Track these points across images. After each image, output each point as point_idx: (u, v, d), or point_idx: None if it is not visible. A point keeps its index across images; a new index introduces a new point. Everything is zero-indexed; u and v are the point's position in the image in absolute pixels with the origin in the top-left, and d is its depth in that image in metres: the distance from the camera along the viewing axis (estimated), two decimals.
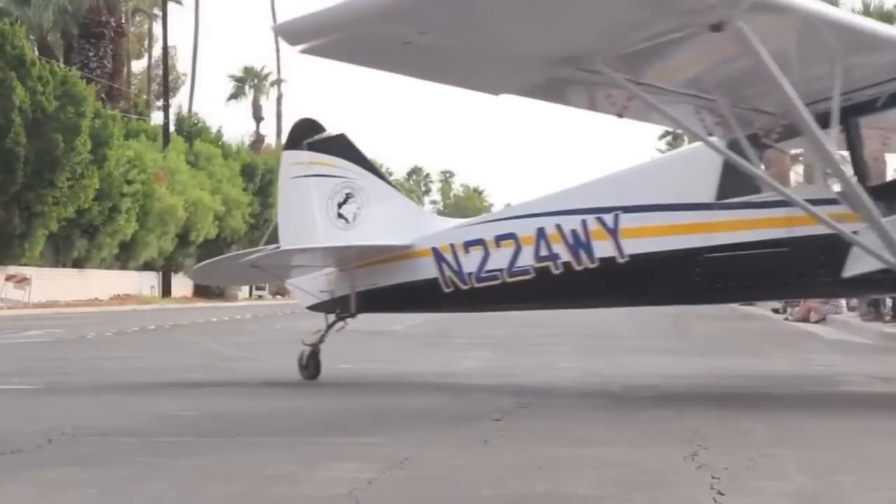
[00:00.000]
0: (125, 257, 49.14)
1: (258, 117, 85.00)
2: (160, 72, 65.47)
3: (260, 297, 61.62)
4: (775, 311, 28.64)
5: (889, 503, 5.07)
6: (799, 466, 5.78)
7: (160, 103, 62.17)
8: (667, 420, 7.76)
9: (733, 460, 5.89)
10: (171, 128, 57.97)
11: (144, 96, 68.28)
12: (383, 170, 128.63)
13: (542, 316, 16.95)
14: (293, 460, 6.01)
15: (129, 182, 45.94)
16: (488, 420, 7.64)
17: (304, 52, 7.13)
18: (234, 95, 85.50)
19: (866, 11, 49.02)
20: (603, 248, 9.54)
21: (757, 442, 6.71)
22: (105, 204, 43.87)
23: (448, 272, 10.34)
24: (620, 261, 9.45)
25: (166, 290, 52.84)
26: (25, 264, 41.04)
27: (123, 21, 61.43)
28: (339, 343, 18.76)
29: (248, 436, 7.07)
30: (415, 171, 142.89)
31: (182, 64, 76.63)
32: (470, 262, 10.23)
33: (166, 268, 53.40)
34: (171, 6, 62.20)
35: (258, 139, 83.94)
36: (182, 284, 56.38)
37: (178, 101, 72.46)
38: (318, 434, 7.16)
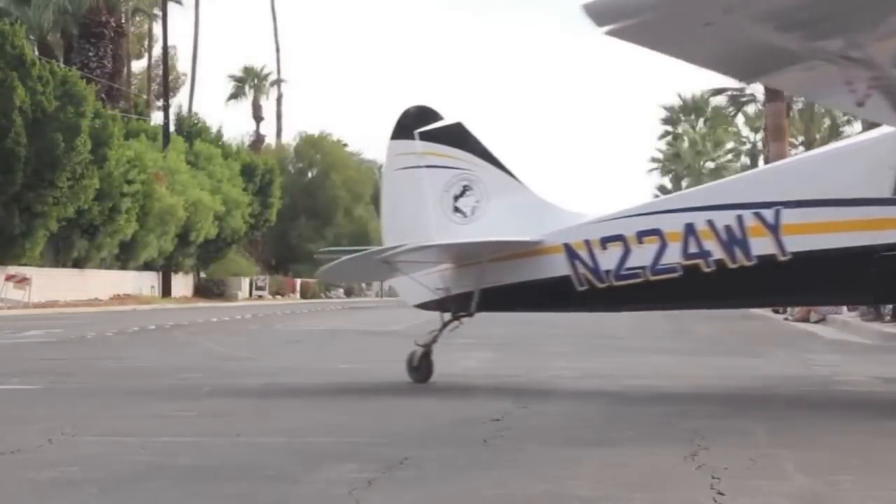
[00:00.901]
0: (125, 257, 49.15)
1: (258, 117, 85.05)
2: (160, 72, 65.49)
3: (260, 297, 61.64)
4: (775, 310, 28.63)
5: (889, 503, 5.07)
6: (799, 466, 5.77)
7: (160, 103, 62.19)
8: (667, 420, 7.75)
9: (733, 460, 5.89)
10: (171, 128, 57.99)
11: (144, 96, 68.28)
12: (383, 169, 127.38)
13: (541, 316, 16.97)
14: (293, 460, 6.01)
15: (129, 182, 45.96)
16: (488, 420, 7.64)
17: (609, 33, 6.94)
18: (234, 95, 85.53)
19: None
20: (761, 245, 9.03)
21: (757, 442, 6.71)
22: (105, 204, 43.88)
23: (582, 269, 9.80)
24: (781, 259, 8.98)
25: (166, 290, 52.85)
26: (25, 264, 41.05)
27: (123, 21, 61.46)
28: (339, 343, 18.81)
29: (248, 436, 7.07)
30: None
31: (182, 64, 76.71)
32: (608, 259, 9.71)
33: (166, 268, 53.42)
34: (171, 6, 62.25)
35: (258, 139, 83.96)
36: (182, 284, 56.40)
37: (178, 101, 72.51)
38: (318, 434, 7.16)
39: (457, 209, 10.73)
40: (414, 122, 10.92)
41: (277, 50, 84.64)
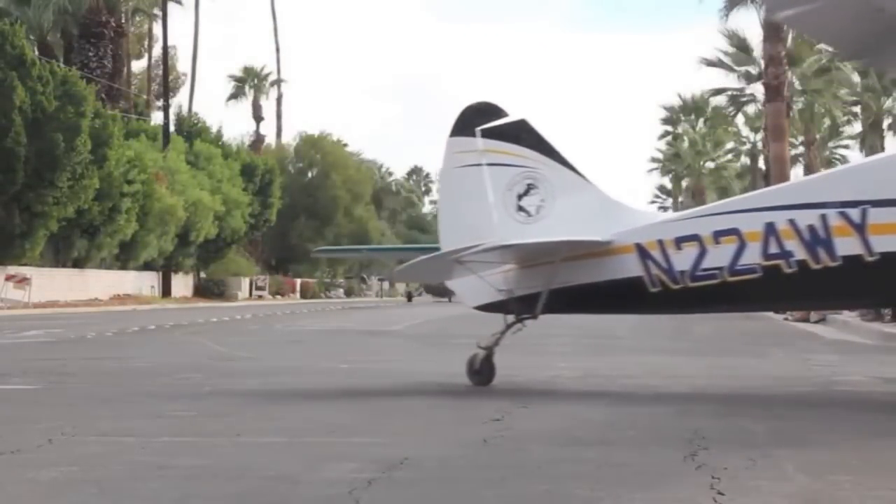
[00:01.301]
0: (125, 257, 49.16)
1: (258, 117, 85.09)
2: (160, 72, 65.51)
3: (260, 297, 61.65)
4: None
5: (889, 503, 5.07)
6: (799, 466, 5.77)
7: (160, 103, 62.20)
8: (667, 420, 7.76)
9: (733, 460, 5.89)
10: (171, 128, 58.00)
11: (144, 96, 68.29)
12: (383, 170, 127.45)
13: (541, 315, 16.90)
14: (293, 460, 6.01)
15: (129, 182, 45.97)
16: (488, 420, 7.64)
17: (784, 20, 6.86)
18: (234, 95, 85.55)
19: None
20: (847, 245, 8.80)
21: (757, 442, 6.71)
22: (105, 204, 43.89)
23: (655, 270, 9.55)
24: (868, 259, 8.74)
25: (166, 290, 52.86)
26: (25, 264, 41.06)
27: (123, 21, 61.44)
28: (339, 343, 18.81)
29: (248, 436, 7.07)
30: (415, 171, 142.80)
31: (182, 64, 76.74)
32: (682, 260, 9.45)
33: (166, 268, 53.43)
34: (171, 6, 62.26)
35: (258, 139, 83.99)
36: (182, 284, 56.41)
37: (178, 101, 72.57)
38: (318, 434, 7.16)
39: (520, 208, 10.38)
40: (475, 119, 10.60)
41: (277, 50, 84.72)
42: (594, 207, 10.19)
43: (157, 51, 71.32)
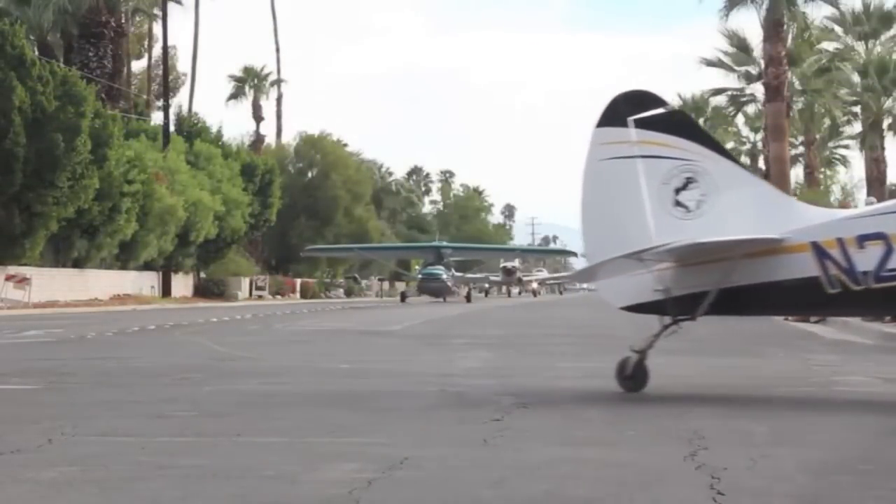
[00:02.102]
0: (125, 257, 49.17)
1: (258, 117, 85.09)
2: (160, 72, 65.52)
3: (260, 297, 61.66)
4: None
5: (889, 503, 5.07)
6: (799, 466, 5.78)
7: (160, 103, 62.21)
8: (667, 420, 7.75)
9: (733, 460, 5.89)
10: (171, 128, 58.00)
11: (144, 96, 68.30)
12: (383, 170, 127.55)
13: (542, 316, 17.01)
14: (293, 460, 6.01)
15: (129, 182, 45.98)
16: (488, 420, 7.64)
17: None
18: (234, 95, 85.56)
19: (866, 11, 49.06)
20: None
21: (757, 442, 6.71)
22: (105, 204, 43.90)
23: (834, 270, 8.98)
24: None
25: (166, 290, 52.87)
26: (25, 264, 41.06)
27: (123, 21, 61.41)
28: (339, 343, 18.81)
29: (248, 436, 7.07)
30: (415, 171, 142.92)
31: (182, 64, 76.76)
32: (866, 260, 8.88)
33: (166, 268, 53.44)
34: (171, 6, 62.24)
35: (258, 139, 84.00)
36: (182, 284, 56.42)
37: (178, 101, 72.52)
38: (318, 434, 7.16)
39: (678, 203, 9.64)
40: (628, 109, 9.85)
41: (277, 50, 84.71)
42: (761, 203, 9.61)
43: (157, 51, 71.39)
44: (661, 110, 9.86)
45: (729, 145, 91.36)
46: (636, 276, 9.66)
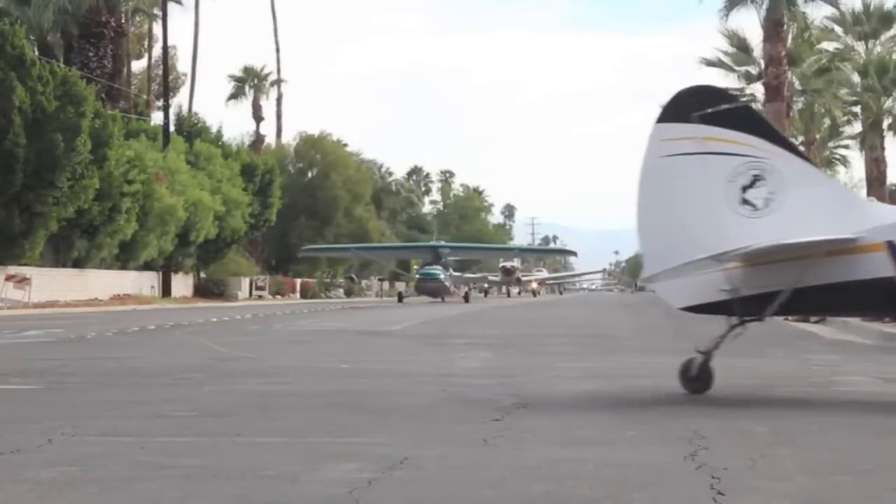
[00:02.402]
0: (125, 257, 49.18)
1: (258, 117, 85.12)
2: (160, 72, 65.53)
3: (260, 297, 61.67)
4: None
5: (889, 503, 5.07)
6: (799, 466, 5.78)
7: (160, 103, 62.21)
8: (667, 420, 7.75)
9: (733, 460, 5.89)
10: (171, 128, 58.01)
11: (144, 96, 68.31)
12: (383, 170, 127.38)
13: (542, 316, 17.03)
14: (293, 460, 6.01)
15: (129, 182, 45.99)
16: (488, 420, 7.64)
17: None
18: (234, 95, 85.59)
19: (866, 11, 49.06)
20: None
21: (757, 442, 6.71)
22: (105, 204, 43.91)
23: None
24: None
25: (166, 290, 52.88)
26: (25, 264, 41.07)
27: (123, 21, 61.45)
28: (339, 343, 18.80)
29: (248, 436, 7.07)
30: (415, 171, 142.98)
31: (182, 64, 76.79)
32: None
33: (166, 268, 53.45)
34: (171, 6, 62.25)
35: (258, 139, 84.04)
36: (182, 284, 56.42)
37: (178, 101, 72.56)
38: (318, 434, 7.16)
39: (745, 201, 9.36)
40: (692, 104, 9.57)
41: (277, 50, 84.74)
42: (833, 201, 9.36)
43: (157, 51, 71.40)
44: (728, 106, 9.60)
45: None
46: (700, 276, 9.40)
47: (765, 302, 9.20)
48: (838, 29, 50.60)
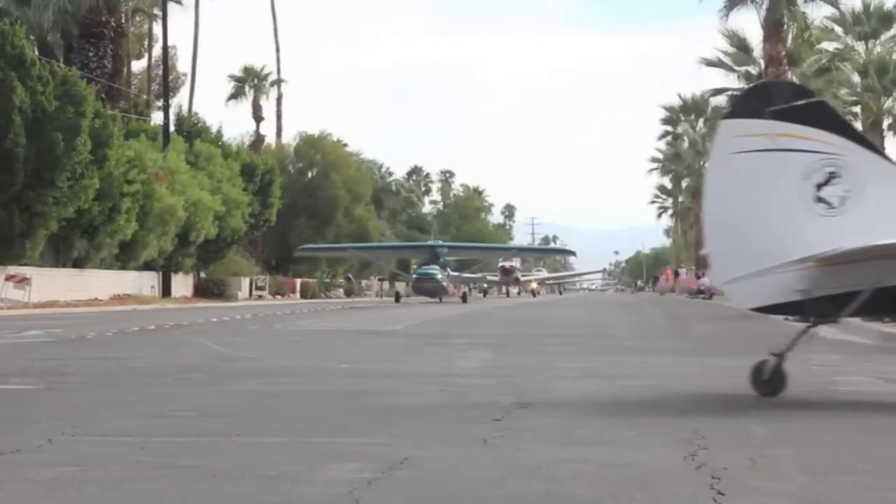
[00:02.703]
0: (125, 257, 49.17)
1: (258, 117, 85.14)
2: (160, 72, 65.50)
3: (260, 297, 61.66)
4: None
5: (889, 503, 5.07)
6: (799, 466, 5.78)
7: (160, 103, 62.20)
8: (667, 420, 7.76)
9: (733, 460, 5.89)
10: (171, 128, 58.00)
11: (144, 96, 68.31)
12: (383, 170, 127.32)
13: (542, 316, 17.04)
14: (293, 460, 6.01)
15: (129, 182, 45.99)
16: (488, 420, 7.64)
17: None
18: (234, 95, 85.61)
19: (866, 11, 49.07)
20: None
21: (757, 442, 6.71)
22: (105, 204, 43.90)
23: None
24: None
25: (166, 290, 52.86)
26: (25, 264, 41.06)
27: (123, 21, 61.43)
28: (339, 343, 18.80)
29: (248, 436, 7.07)
30: (415, 171, 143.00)
31: (182, 64, 76.77)
32: None
33: (166, 268, 53.44)
34: (171, 6, 62.21)
35: (258, 139, 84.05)
36: (182, 284, 56.42)
37: (178, 101, 72.54)
38: (318, 434, 7.16)
39: (820, 199, 9.08)
40: (764, 100, 9.27)
41: (277, 50, 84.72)
42: None
43: (157, 51, 71.38)
44: (802, 101, 9.30)
45: None
46: (772, 276, 9.15)
47: (842, 303, 9.01)
48: (838, 29, 50.62)
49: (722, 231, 9.40)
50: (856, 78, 49.26)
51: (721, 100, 63.36)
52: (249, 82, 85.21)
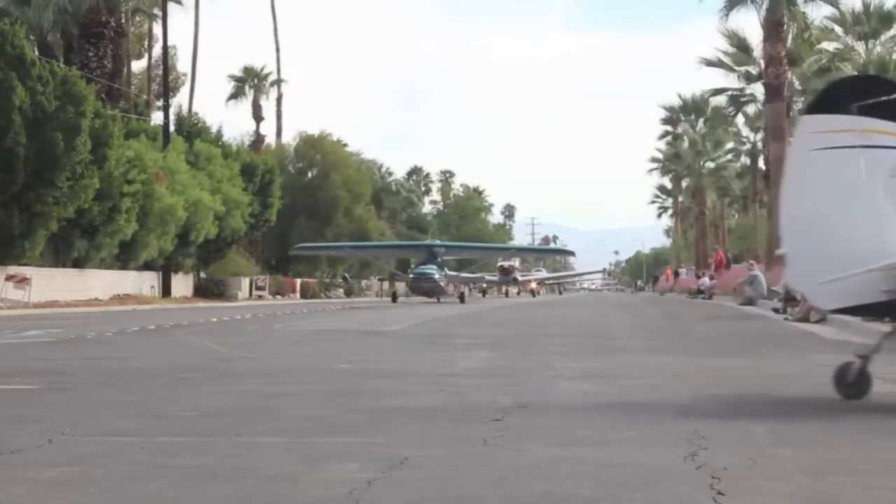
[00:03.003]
0: (125, 257, 49.18)
1: (258, 117, 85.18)
2: (160, 72, 65.53)
3: (260, 297, 61.67)
4: (775, 311, 28.65)
5: (889, 503, 5.07)
6: (799, 466, 5.78)
7: (160, 103, 62.23)
8: (667, 420, 7.75)
9: (733, 460, 5.89)
10: (171, 128, 58.01)
11: (144, 96, 68.32)
12: (383, 170, 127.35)
13: (541, 316, 17.05)
14: (293, 460, 6.01)
15: (129, 182, 46.00)
16: (488, 420, 7.64)
17: None
18: (234, 95, 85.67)
19: (866, 11, 49.09)
20: None
21: (757, 442, 6.71)
22: (105, 204, 43.91)
23: None
24: None
25: (166, 290, 52.88)
26: (25, 264, 41.07)
27: (123, 21, 61.46)
28: (339, 343, 18.80)
29: (248, 436, 7.07)
30: (415, 171, 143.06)
31: (182, 64, 76.85)
32: None
33: (166, 268, 53.46)
34: (171, 6, 62.24)
35: (258, 139, 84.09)
36: (182, 284, 56.42)
37: (178, 101, 72.65)
38: (318, 434, 7.16)
39: None
40: (851, 94, 8.89)
41: (277, 50, 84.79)
42: None
43: (157, 51, 71.43)
44: (891, 96, 8.85)
45: (729, 145, 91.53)
46: (856, 276, 8.81)
47: None
48: (838, 29, 50.66)
49: (802, 231, 9.05)
50: None
51: (721, 100, 63.47)
52: (249, 82, 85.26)
